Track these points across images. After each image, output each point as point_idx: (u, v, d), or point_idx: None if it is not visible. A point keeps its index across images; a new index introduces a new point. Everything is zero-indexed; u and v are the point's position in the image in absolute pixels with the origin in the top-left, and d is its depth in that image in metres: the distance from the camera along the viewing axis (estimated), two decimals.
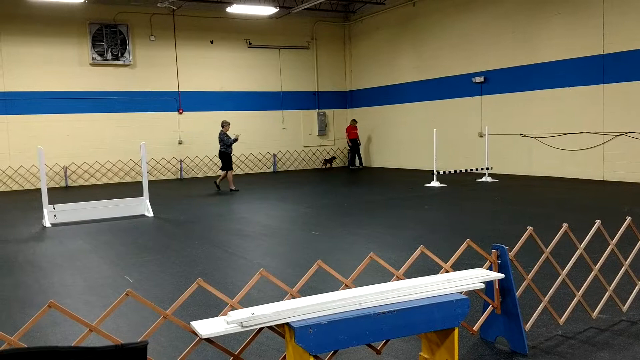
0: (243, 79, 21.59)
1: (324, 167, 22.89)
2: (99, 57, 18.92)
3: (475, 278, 3.56)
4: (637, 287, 4.58)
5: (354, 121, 22.30)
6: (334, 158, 23.11)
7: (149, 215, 11.08)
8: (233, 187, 15.18)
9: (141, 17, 19.53)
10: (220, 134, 15.29)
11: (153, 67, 19.90)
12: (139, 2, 19.02)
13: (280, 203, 12.39)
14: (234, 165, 19.58)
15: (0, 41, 17.67)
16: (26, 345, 2.56)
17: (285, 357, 3.18)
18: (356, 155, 22.48)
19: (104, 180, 19.35)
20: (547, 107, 15.65)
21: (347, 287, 3.48)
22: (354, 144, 22.15)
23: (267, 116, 22.05)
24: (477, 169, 16.06)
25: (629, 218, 4.53)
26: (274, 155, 22.21)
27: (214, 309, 4.98)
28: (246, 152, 21.66)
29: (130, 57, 19.41)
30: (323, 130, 23.29)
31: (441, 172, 15.23)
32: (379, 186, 15.22)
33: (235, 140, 15.27)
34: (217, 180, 15.67)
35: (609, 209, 9.77)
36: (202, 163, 20.97)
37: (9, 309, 5.28)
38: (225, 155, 15.28)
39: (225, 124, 15.39)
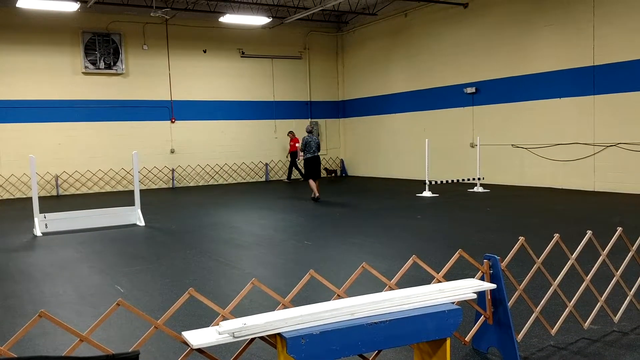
0: (236, 88, 21.61)
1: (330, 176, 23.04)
2: (91, 66, 18.89)
3: (467, 288, 3.56)
4: (628, 298, 4.60)
5: (292, 133, 21.60)
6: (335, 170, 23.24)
7: (141, 224, 11.03)
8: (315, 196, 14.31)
9: (134, 26, 19.54)
10: (316, 138, 14.31)
11: (146, 76, 19.89)
12: (132, 12, 19.02)
13: (273, 212, 12.37)
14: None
15: None
16: (16, 355, 2.54)
17: None
18: (293, 168, 21.68)
19: (96, 189, 19.26)
20: (538, 117, 15.75)
21: (339, 297, 3.47)
22: (293, 157, 21.34)
23: (259, 125, 22.06)
24: (468, 179, 16.12)
25: (619, 229, 4.56)
26: (267, 165, 22.20)
27: (206, 319, 4.95)
28: (238, 161, 21.65)
29: (123, 66, 19.40)
30: None
31: (433, 182, 15.27)
32: (370, 196, 15.23)
33: None
34: (316, 194, 14.21)
35: (600, 220, 9.82)
36: (194, 172, 20.92)
37: None
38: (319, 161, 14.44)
39: (312, 129, 14.71)
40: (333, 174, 23.20)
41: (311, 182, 14.29)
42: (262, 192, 17.44)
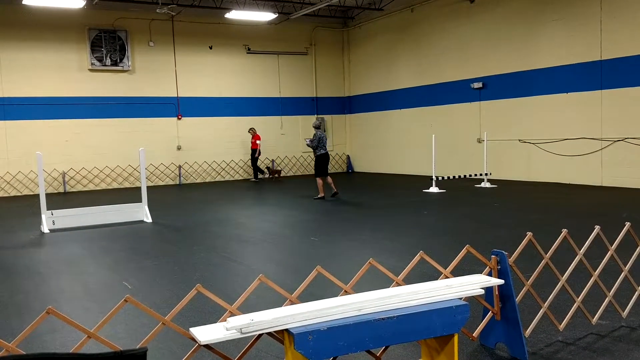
0: (242, 84, 21.61)
1: (271, 177, 21.38)
2: (97, 63, 18.93)
3: (475, 284, 3.55)
4: (636, 293, 4.58)
5: (254, 130, 20.75)
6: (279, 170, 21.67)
7: (148, 221, 11.06)
8: (322, 195, 13.86)
9: (140, 22, 19.56)
10: (324, 136, 13.87)
11: (152, 72, 19.92)
12: (138, 8, 19.04)
13: (279, 209, 12.37)
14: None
15: None
16: (24, 352, 2.55)
17: None
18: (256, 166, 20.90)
19: (103, 186, 19.32)
20: (545, 112, 15.68)
21: (346, 293, 3.47)
22: (254, 154, 20.58)
23: (265, 122, 22.06)
24: (475, 175, 16.07)
25: (628, 224, 4.53)
26: (273, 161, 22.19)
27: (213, 315, 4.96)
28: (245, 157, 21.67)
29: (129, 63, 19.43)
30: None
31: (440, 178, 15.23)
32: (377, 192, 15.21)
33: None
34: (321, 193, 13.81)
35: (608, 215, 9.77)
36: (200, 169, 20.96)
37: (7, 315, 5.26)
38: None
39: (320, 124, 14.09)
40: (276, 175, 21.32)
41: (319, 180, 13.86)
42: (268, 189, 17.45)
